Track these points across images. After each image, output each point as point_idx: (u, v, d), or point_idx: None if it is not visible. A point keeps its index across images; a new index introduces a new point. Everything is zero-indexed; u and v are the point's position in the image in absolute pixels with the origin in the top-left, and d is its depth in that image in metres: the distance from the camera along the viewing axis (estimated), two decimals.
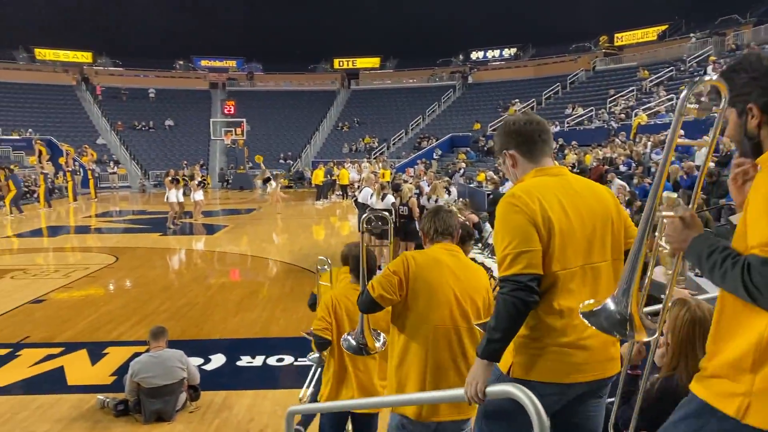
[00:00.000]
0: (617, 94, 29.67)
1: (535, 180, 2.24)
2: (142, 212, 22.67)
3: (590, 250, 2.18)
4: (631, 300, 1.78)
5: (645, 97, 27.83)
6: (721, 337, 1.65)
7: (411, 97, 43.49)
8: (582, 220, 2.17)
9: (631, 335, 1.80)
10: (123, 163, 35.65)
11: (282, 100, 44.62)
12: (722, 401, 1.59)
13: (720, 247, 1.59)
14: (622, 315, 1.79)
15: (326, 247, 13.37)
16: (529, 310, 2.06)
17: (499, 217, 2.19)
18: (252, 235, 16.13)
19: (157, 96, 43.32)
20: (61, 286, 10.09)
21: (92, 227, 18.61)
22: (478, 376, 2.11)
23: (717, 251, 1.59)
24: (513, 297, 2.03)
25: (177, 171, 21.42)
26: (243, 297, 9.24)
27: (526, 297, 2.03)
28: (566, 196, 2.19)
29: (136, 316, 8.19)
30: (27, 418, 5.12)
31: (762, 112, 1.68)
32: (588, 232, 2.18)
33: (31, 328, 7.69)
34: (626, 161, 14.89)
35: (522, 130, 2.31)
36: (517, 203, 2.12)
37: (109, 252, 13.36)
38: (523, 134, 2.31)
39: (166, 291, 9.76)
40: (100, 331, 7.54)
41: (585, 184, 2.31)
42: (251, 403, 5.41)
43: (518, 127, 2.32)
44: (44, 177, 23.71)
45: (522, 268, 2.05)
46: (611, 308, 1.81)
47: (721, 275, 1.56)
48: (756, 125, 1.70)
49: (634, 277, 1.78)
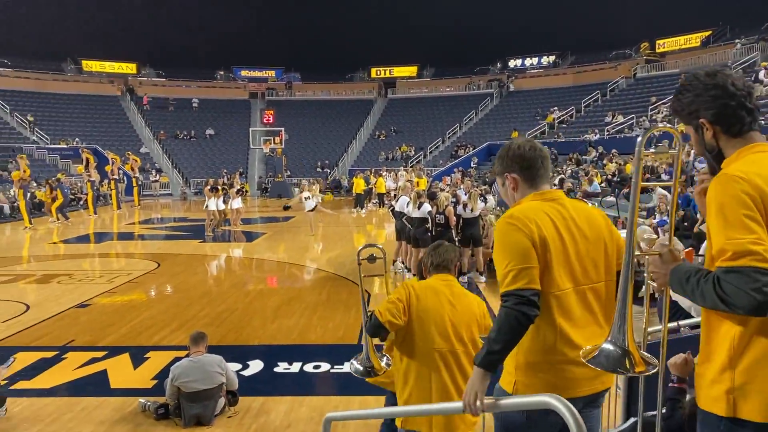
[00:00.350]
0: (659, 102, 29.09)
1: (532, 203, 2.35)
2: (183, 219, 23.11)
3: (584, 272, 2.28)
4: (627, 336, 1.89)
5: None
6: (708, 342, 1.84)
7: (448, 106, 43.41)
8: (575, 243, 2.28)
9: (632, 371, 1.92)
10: (165, 171, 36.42)
11: (320, 109, 45.05)
12: (716, 405, 1.76)
13: (694, 270, 1.76)
14: (622, 352, 1.91)
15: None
16: (530, 323, 2.14)
17: (499, 237, 2.30)
18: (289, 242, 16.28)
19: (199, 106, 44.26)
20: (105, 291, 10.35)
21: (135, 234, 19.03)
22: (476, 386, 2.19)
23: (692, 275, 1.76)
24: (516, 310, 2.12)
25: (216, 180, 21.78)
26: (281, 304, 9.32)
27: (528, 311, 2.12)
28: (561, 220, 2.29)
29: (176, 322, 8.33)
30: (72, 420, 5.25)
31: (712, 123, 1.85)
32: (581, 255, 2.29)
33: (77, 332, 7.89)
34: (668, 170, 14.57)
35: (525, 155, 2.43)
36: (516, 223, 2.23)
37: (151, 258, 13.65)
38: (526, 159, 2.42)
39: (206, 297, 9.91)
40: (142, 336, 7.69)
41: (579, 208, 2.40)
42: (288, 409, 5.44)
43: (522, 152, 2.44)
44: (91, 185, 24.35)
45: (525, 284, 2.15)
46: (610, 348, 1.93)
47: (700, 295, 1.72)
48: (711, 136, 1.87)
49: (627, 314, 1.90)
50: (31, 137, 35.35)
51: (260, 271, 12.73)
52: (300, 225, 20.06)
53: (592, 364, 1.98)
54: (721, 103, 1.84)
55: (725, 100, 1.84)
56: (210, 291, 10.51)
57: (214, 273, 12.72)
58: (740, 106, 1.84)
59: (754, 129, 1.87)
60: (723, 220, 1.70)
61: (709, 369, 1.82)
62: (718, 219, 1.72)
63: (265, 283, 11.35)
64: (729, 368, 1.75)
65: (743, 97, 1.85)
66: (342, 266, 12.44)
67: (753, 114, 1.86)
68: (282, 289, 10.72)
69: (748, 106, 1.85)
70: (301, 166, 38.10)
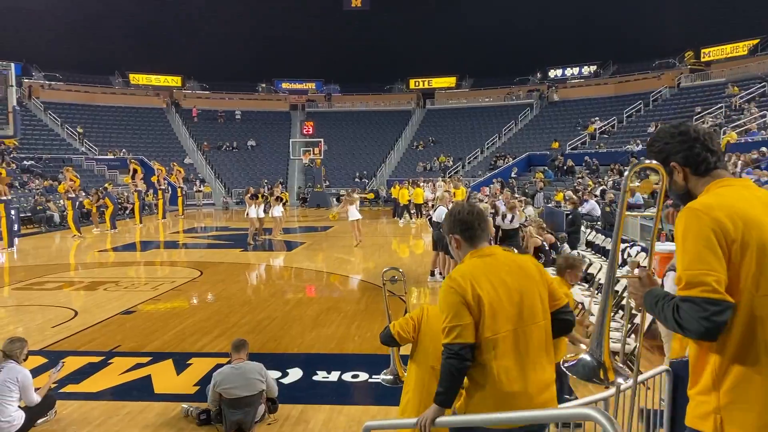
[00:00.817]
0: (704, 112, 28.43)
1: (470, 261, 2.72)
2: (225, 228, 23.50)
3: (519, 316, 2.60)
4: (604, 350, 2.10)
5: (735, 114, 26.53)
6: (695, 370, 2.00)
7: (487, 116, 43.23)
8: (509, 293, 2.62)
9: (606, 380, 2.14)
10: (208, 181, 37.18)
11: (358, 121, 45.39)
12: (703, 423, 1.91)
13: (662, 295, 1.96)
14: (598, 363, 2.11)
15: (400, 264, 13.38)
16: (462, 370, 2.56)
17: (440, 296, 2.70)
18: (328, 252, 16.39)
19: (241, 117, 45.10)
20: (149, 298, 10.59)
21: (179, 242, 19.43)
22: (429, 415, 2.66)
23: (660, 299, 1.95)
24: (447, 362, 2.57)
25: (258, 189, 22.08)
26: (319, 313, 9.39)
27: (457, 363, 2.54)
28: (495, 274, 2.64)
29: (218, 329, 8.47)
30: (117, 423, 5.38)
31: (682, 165, 2.10)
32: (516, 302, 2.61)
33: (122, 338, 8.09)
34: None
35: (465, 219, 2.78)
36: (453, 285, 2.62)
37: (194, 266, 13.92)
38: (465, 222, 2.77)
39: (247, 305, 10.05)
40: (185, 342, 7.84)
41: (512, 260, 2.74)
42: (327, 417, 5.47)
43: (462, 217, 2.79)
44: (138, 194, 25.03)
45: (453, 338, 2.55)
46: (587, 359, 2.15)
47: (664, 319, 1.92)
48: (682, 178, 2.12)
49: (604, 331, 2.10)
50: (80, 148, 36.52)
51: (299, 279, 12.85)
52: (338, 235, 20.18)
53: (569, 372, 2.19)
54: (688, 146, 2.09)
55: (691, 143, 2.09)
56: (251, 299, 10.65)
57: (254, 281, 12.89)
58: (704, 148, 2.08)
59: (719, 167, 2.10)
60: (683, 250, 1.89)
61: (695, 392, 1.99)
62: (679, 249, 1.92)
63: (304, 292, 11.44)
64: (714, 390, 1.90)
65: (706, 141, 2.10)
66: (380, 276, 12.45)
67: (717, 154, 2.10)
68: (321, 298, 10.79)
69: (712, 148, 2.09)
70: (339, 176, 38.40)
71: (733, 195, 1.95)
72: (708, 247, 1.83)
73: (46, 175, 29.70)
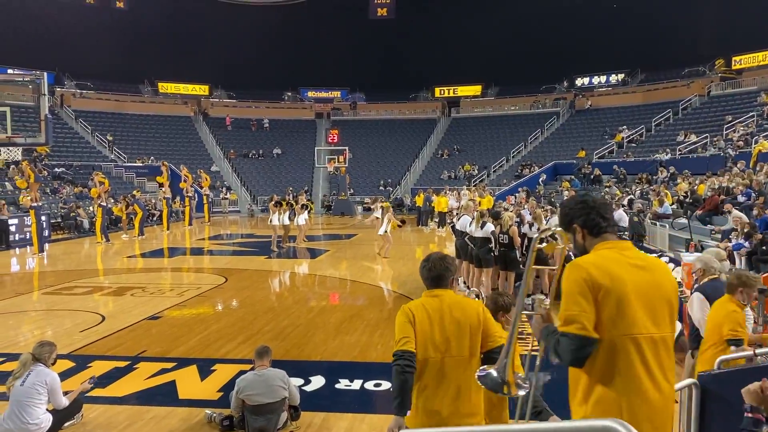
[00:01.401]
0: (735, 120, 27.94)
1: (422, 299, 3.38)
2: (250, 236, 23.71)
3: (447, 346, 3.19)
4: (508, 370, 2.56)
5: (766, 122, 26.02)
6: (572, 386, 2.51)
7: (513, 125, 43.04)
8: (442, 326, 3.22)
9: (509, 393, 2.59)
10: (234, 188, 37.56)
11: (383, 129, 45.51)
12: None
13: (552, 330, 2.47)
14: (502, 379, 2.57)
15: None
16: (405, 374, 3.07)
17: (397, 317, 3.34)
18: (351, 259, 16.43)
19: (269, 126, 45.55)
20: (175, 304, 10.72)
21: (205, 249, 19.65)
22: (391, 425, 3.09)
23: (550, 333, 2.47)
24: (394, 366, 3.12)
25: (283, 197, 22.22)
26: (342, 320, 9.41)
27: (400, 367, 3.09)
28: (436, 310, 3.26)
29: (242, 335, 8.54)
30: (142, 428, 5.44)
31: (582, 228, 2.64)
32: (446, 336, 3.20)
33: (148, 343, 8.20)
34: (745, 191, 13.94)
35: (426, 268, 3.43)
36: (405, 309, 3.31)
37: (219, 273, 14.06)
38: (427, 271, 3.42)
39: (271, 312, 10.12)
40: (209, 348, 7.92)
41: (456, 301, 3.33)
42: (349, 426, 5.47)
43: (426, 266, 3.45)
44: (166, 201, 25.37)
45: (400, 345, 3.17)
46: (494, 375, 2.60)
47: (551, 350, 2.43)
48: (581, 238, 2.66)
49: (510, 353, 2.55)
50: (110, 156, 37.20)
51: (323, 287, 12.90)
52: (362, 243, 20.22)
53: (479, 381, 2.66)
54: (586, 213, 2.64)
55: (588, 210, 2.64)
56: (274, 306, 10.72)
57: (278, 288, 12.97)
58: (598, 215, 2.62)
59: (608, 231, 2.63)
60: (564, 294, 2.44)
61: (573, 403, 2.52)
62: (562, 293, 2.46)
63: (328, 300, 11.48)
64: (584, 402, 2.45)
65: (600, 210, 2.64)
66: (404, 284, 12.45)
67: (608, 221, 2.64)
68: (344, 306, 10.82)
69: (605, 216, 2.63)
70: (364, 184, 38.51)
71: (609, 256, 2.53)
72: (581, 293, 2.39)
73: (77, 182, 30.31)
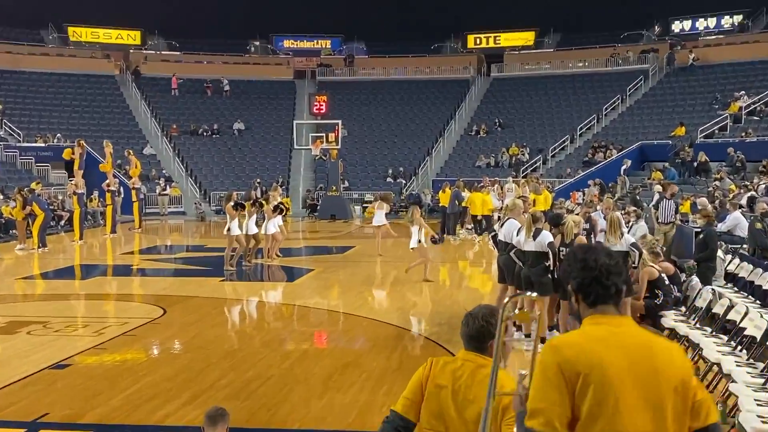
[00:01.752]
0: None
1: None
2: (199, 248, 23.73)
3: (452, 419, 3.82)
4: None
5: None
6: None
7: (580, 89, 43.10)
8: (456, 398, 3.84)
9: None
10: (176, 180, 37.31)
11: (392, 94, 45.58)
12: None
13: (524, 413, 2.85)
14: None
15: (450, 305, 13.35)
16: None
17: None
18: (346, 283, 16.41)
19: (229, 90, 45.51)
20: (91, 346, 10.69)
21: (134, 268, 19.65)
22: None
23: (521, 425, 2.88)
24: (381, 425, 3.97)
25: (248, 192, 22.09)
26: (332, 371, 9.39)
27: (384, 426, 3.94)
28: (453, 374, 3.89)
29: (187, 392, 8.52)
30: None
31: (575, 291, 2.96)
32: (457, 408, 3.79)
33: (51, 402, 8.18)
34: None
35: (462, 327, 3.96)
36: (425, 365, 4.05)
37: (154, 302, 14.04)
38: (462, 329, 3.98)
39: (229, 358, 10.10)
40: (139, 411, 7.89)
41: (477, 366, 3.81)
42: None
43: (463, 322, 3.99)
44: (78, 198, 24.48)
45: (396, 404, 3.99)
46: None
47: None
48: (575, 301, 3.00)
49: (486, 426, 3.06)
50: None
51: (304, 323, 12.88)
52: (361, 259, 20.18)
53: None
54: (581, 275, 2.93)
55: (585, 272, 2.91)
56: (234, 350, 10.71)
57: (239, 325, 12.97)
58: (595, 281, 2.88)
59: (606, 303, 2.90)
60: (533, 381, 2.84)
61: None
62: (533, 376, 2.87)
63: (311, 342, 11.46)
64: None
65: (601, 275, 2.88)
66: (420, 319, 12.44)
67: (607, 290, 2.88)
68: (335, 351, 10.80)
69: (604, 283, 2.88)
70: (364, 174, 38.58)
71: (595, 334, 2.84)
72: (552, 383, 2.74)
73: None
